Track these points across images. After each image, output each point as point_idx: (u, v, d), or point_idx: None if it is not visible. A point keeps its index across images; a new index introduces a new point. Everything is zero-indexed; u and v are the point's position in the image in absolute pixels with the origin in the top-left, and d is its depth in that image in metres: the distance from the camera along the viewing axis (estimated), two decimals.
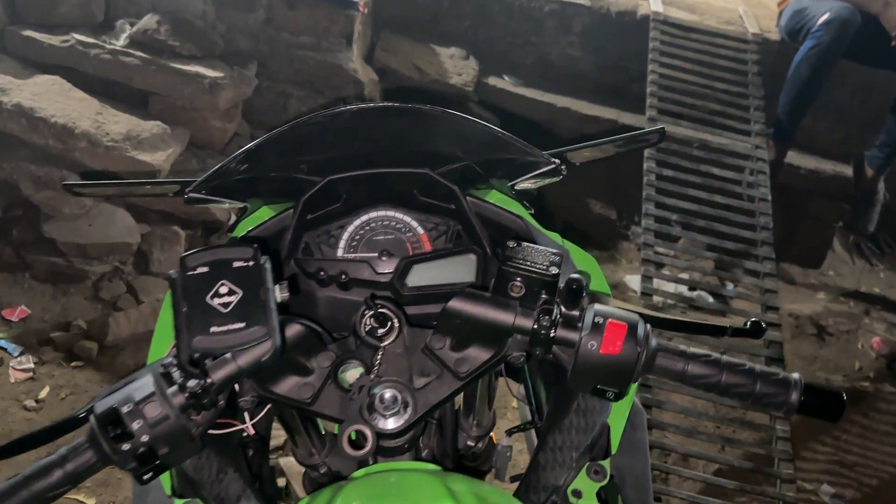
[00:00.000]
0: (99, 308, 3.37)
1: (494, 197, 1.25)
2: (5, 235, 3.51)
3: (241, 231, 1.19)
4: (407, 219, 1.20)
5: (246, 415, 1.01)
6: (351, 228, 1.19)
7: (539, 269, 0.94)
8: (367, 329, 1.02)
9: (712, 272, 3.87)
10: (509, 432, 1.36)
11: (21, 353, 3.08)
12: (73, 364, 3.11)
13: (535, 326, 0.92)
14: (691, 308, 3.70)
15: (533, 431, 1.35)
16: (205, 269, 0.89)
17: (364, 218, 1.20)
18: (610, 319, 0.93)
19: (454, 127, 1.19)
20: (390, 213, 1.21)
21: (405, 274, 1.11)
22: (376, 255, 1.16)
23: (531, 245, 0.98)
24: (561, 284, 0.95)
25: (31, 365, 3.04)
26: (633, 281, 4.08)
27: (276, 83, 4.09)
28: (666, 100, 4.13)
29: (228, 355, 0.86)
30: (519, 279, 0.95)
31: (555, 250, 0.98)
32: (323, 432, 1.19)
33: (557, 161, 1.23)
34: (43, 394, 2.95)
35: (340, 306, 1.13)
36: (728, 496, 2.90)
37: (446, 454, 1.27)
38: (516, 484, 1.29)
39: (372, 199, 1.20)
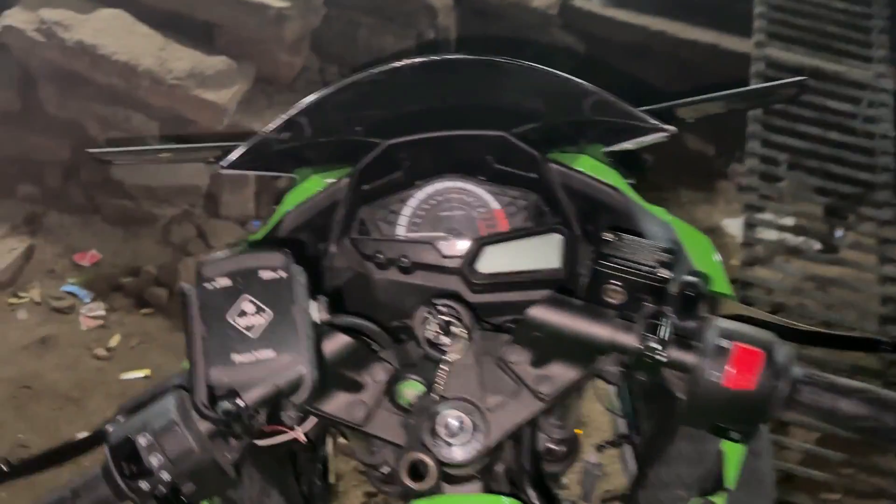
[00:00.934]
0: (169, 252, 3.31)
1: (584, 164, 1.06)
2: (75, 178, 3.46)
3: (288, 204, 1.03)
4: (479, 191, 1.04)
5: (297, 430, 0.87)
6: (413, 203, 1.04)
7: (645, 269, 0.79)
8: (428, 337, 0.88)
9: (822, 219, 3.50)
10: (599, 448, 1.17)
11: (92, 300, 3.06)
12: (143, 311, 3.07)
13: (641, 345, 0.76)
14: (795, 256, 3.37)
15: (627, 448, 1.15)
16: (226, 282, 0.74)
17: (428, 190, 1.05)
18: (739, 343, 0.73)
19: (538, 82, 1.01)
20: (459, 184, 1.05)
21: (476, 258, 0.96)
22: (443, 234, 1.02)
23: (634, 238, 0.82)
24: (673, 289, 0.77)
25: (102, 312, 3.02)
26: (732, 225, 3.75)
27: (344, 11, 3.85)
28: (776, 21, 3.68)
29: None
30: (618, 282, 0.79)
31: (665, 245, 0.81)
32: None
33: (668, 129, 0.99)
34: (113, 342, 2.93)
35: (401, 291, 1.00)
36: None
37: (523, 471, 1.08)
38: None
39: (437, 168, 1.05)
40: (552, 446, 1.11)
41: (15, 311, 2.97)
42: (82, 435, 0.92)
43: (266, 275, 0.74)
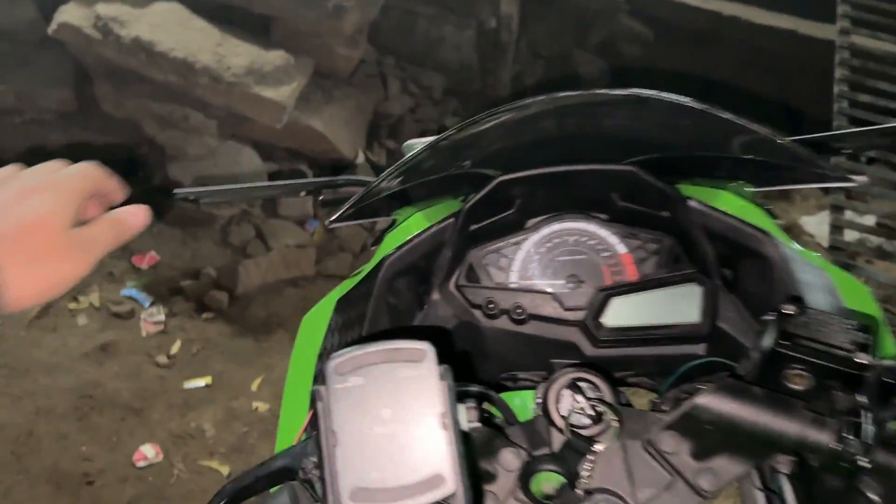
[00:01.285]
0: (228, 254, 3.22)
1: (726, 202, 0.92)
2: (132, 176, 3.38)
3: (388, 246, 0.93)
4: (602, 233, 0.96)
5: None
6: (528, 246, 0.96)
7: (839, 353, 0.66)
8: (566, 419, 0.76)
9: None
10: None
11: (152, 304, 2.99)
12: (203, 316, 2.99)
13: (838, 446, 0.64)
14: (881, 258, 3.16)
15: None
16: (360, 381, 0.63)
17: (545, 232, 0.96)
18: None
19: (691, 119, 0.86)
20: (580, 224, 0.96)
21: (602, 310, 0.89)
22: (562, 281, 0.94)
23: (821, 312, 0.69)
24: (868, 374, 0.64)
25: (162, 317, 2.94)
26: (810, 223, 3.54)
27: (402, 1, 3.71)
28: (860, 7, 3.44)
29: None
30: (802, 367, 0.67)
31: (857, 321, 0.67)
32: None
33: (856, 180, 0.84)
34: (174, 349, 2.85)
35: (512, 342, 0.93)
36: None
37: None
38: None
39: (554, 207, 0.97)
40: None
41: (75, 317, 2.91)
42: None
43: (407, 372, 0.63)
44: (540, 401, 0.80)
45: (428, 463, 0.61)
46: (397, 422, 0.61)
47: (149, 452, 2.48)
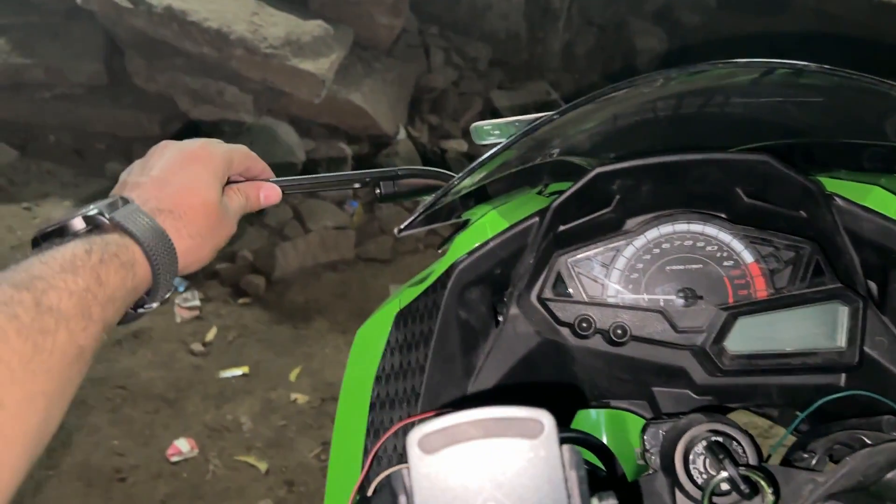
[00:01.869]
0: (265, 236, 3.09)
1: (876, 199, 0.76)
2: None
3: (459, 250, 0.79)
4: (725, 237, 0.80)
5: None
6: (630, 252, 0.81)
7: None
8: (705, 489, 0.62)
9: None
10: None
11: (186, 289, 2.86)
12: (239, 301, 2.87)
13: None
14: None
15: None
16: (452, 462, 0.47)
17: (652, 235, 0.81)
18: None
19: (843, 93, 0.73)
20: (696, 226, 0.80)
21: (725, 334, 0.75)
22: (673, 296, 0.79)
23: None
24: None
25: (197, 302, 2.82)
26: None
27: None
28: None
29: None
30: None
31: None
32: None
33: None
34: (210, 336, 2.73)
35: (607, 366, 0.80)
36: None
37: None
38: None
39: (663, 204, 0.81)
40: None
41: None
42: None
43: (519, 454, 0.47)
44: (651, 450, 0.70)
45: None
46: None
47: (183, 447, 2.36)
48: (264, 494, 2.26)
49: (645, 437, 0.72)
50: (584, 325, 0.77)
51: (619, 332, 0.77)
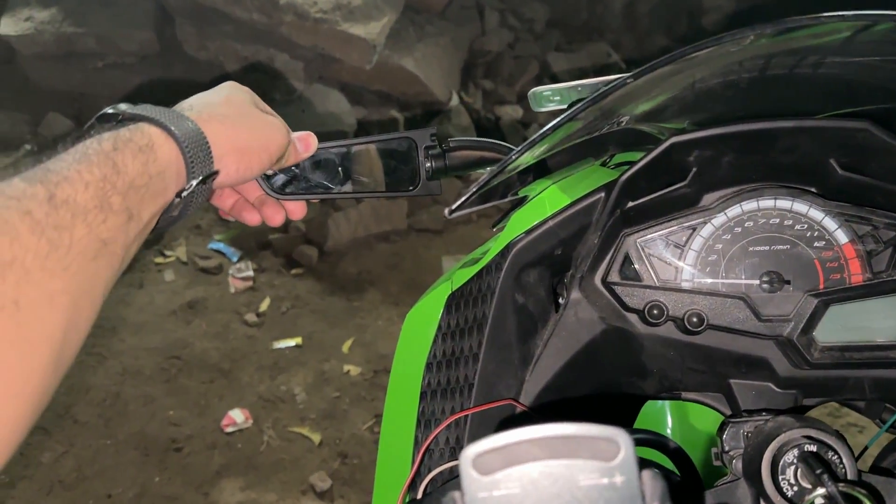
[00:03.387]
0: (317, 206, 3.05)
1: None
2: None
3: (516, 229, 0.73)
4: (816, 214, 0.72)
5: None
6: (708, 231, 0.73)
7: None
8: (797, 500, 0.56)
9: None
10: None
11: (240, 259, 2.85)
12: (292, 271, 2.86)
13: None
14: None
15: None
16: (513, 487, 0.39)
17: (733, 212, 0.73)
18: None
19: None
20: (783, 202, 0.73)
21: (814, 323, 0.69)
22: (756, 281, 0.72)
23: None
24: None
25: (251, 272, 2.81)
26: None
27: None
28: None
29: None
30: None
31: None
32: None
33: None
34: (263, 306, 2.72)
35: (678, 354, 0.73)
36: None
37: None
38: None
39: (745, 177, 0.74)
40: None
41: (162, 272, 2.81)
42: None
43: (591, 479, 0.40)
44: (731, 452, 0.64)
45: None
46: None
47: (238, 417, 2.36)
48: (318, 466, 2.25)
49: (724, 438, 0.66)
50: (656, 312, 0.71)
51: (695, 320, 0.70)
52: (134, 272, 2.78)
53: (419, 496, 0.66)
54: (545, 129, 0.66)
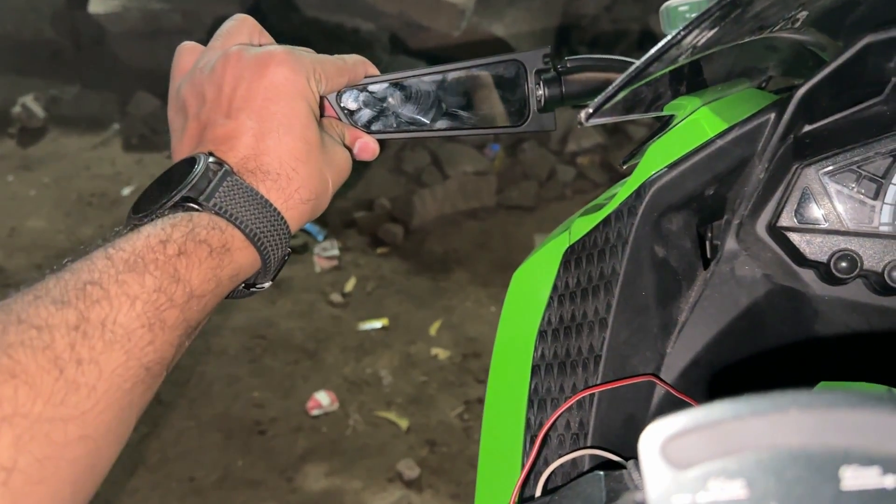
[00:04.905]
0: (402, 183, 2.97)
1: None
2: None
3: (654, 164, 0.59)
4: None
5: None
6: None
7: None
8: None
9: None
10: None
11: (325, 238, 2.78)
12: (378, 250, 2.77)
13: None
14: None
15: None
16: (734, 490, 0.25)
17: None
18: None
19: None
20: None
21: None
22: None
23: None
24: None
25: (336, 251, 2.74)
26: None
27: None
28: None
29: None
30: None
31: None
32: None
33: None
34: (349, 286, 2.64)
35: (868, 323, 0.59)
36: None
37: None
38: None
39: None
40: None
41: None
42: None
43: (858, 478, 0.25)
44: None
45: None
46: None
47: (323, 400, 2.28)
48: (405, 453, 2.14)
49: None
50: (845, 264, 0.57)
51: None
52: None
53: (538, 493, 0.53)
54: (691, 21, 0.50)
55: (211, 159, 0.49)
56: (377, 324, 2.53)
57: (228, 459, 2.15)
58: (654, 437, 0.25)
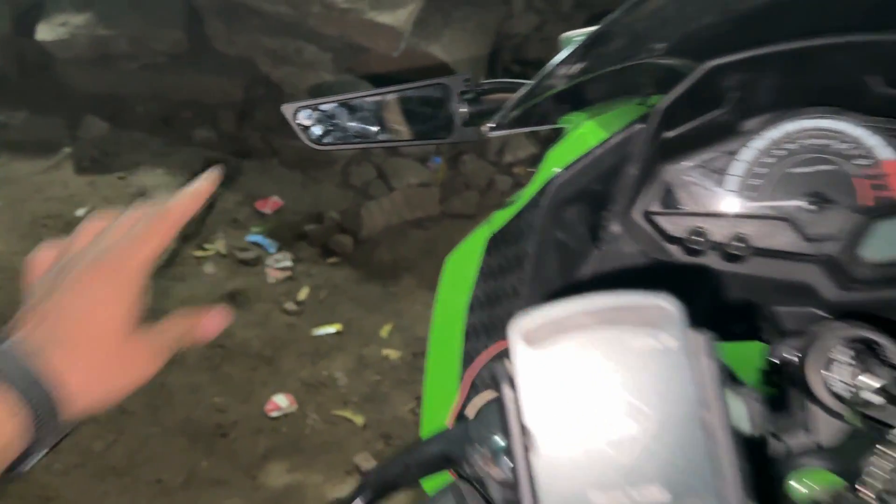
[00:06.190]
0: (350, 196, 3.12)
1: None
2: (250, 119, 3.33)
3: (555, 162, 0.73)
4: (858, 132, 0.73)
5: None
6: (749, 155, 0.74)
7: None
8: (855, 401, 0.54)
9: None
10: None
11: (277, 250, 2.92)
12: (329, 260, 2.92)
13: None
14: None
15: None
16: (563, 354, 0.42)
17: (774, 135, 0.74)
18: None
19: None
20: (825, 122, 0.73)
21: (859, 239, 0.70)
22: (799, 202, 0.74)
23: None
24: None
25: (289, 262, 2.88)
26: None
27: None
28: None
29: None
30: None
31: None
32: None
33: None
34: (302, 295, 2.78)
35: (721, 285, 0.74)
36: None
37: None
38: None
39: (785, 100, 0.74)
40: None
41: (202, 265, 2.87)
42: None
43: (641, 342, 0.42)
44: (778, 361, 0.61)
45: (682, 484, 0.40)
46: (631, 422, 0.41)
47: (282, 402, 2.40)
48: (362, 447, 2.28)
49: (770, 358, 0.65)
50: (698, 238, 0.71)
51: (739, 244, 0.70)
52: (175, 266, 2.85)
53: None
54: (573, 49, 0.67)
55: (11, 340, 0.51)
56: (331, 329, 2.66)
57: (193, 462, 2.25)
58: (517, 326, 0.42)
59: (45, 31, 3.20)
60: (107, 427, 2.34)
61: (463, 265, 0.80)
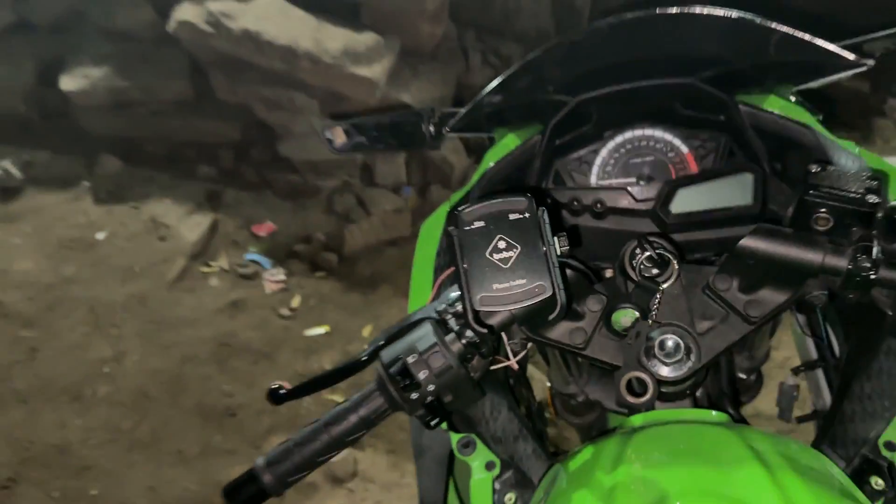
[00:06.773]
0: (334, 220, 3.54)
1: (773, 104, 1.06)
2: (246, 157, 3.76)
3: (488, 161, 1.11)
4: (668, 137, 1.07)
5: (509, 350, 0.90)
6: (604, 152, 1.09)
7: (854, 196, 0.79)
8: (639, 270, 0.90)
9: None
10: (795, 371, 1.24)
11: (272, 266, 3.33)
12: (317, 274, 3.32)
13: (852, 266, 0.78)
14: None
15: (820, 371, 1.21)
16: (481, 224, 0.82)
17: (619, 140, 1.08)
18: None
19: (732, 28, 1.00)
20: (648, 131, 1.08)
21: (669, 200, 0.99)
22: (634, 180, 1.07)
23: (838, 168, 0.82)
24: (878, 212, 0.78)
25: (283, 276, 3.28)
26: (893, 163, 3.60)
27: None
28: None
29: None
30: (825, 210, 0.79)
31: (868, 173, 0.81)
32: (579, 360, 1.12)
33: (865, 63, 1.03)
34: (295, 303, 3.19)
35: (594, 236, 1.04)
36: None
37: (723, 394, 1.16)
38: (804, 427, 1.16)
39: (626, 118, 1.08)
40: (742, 376, 1.18)
41: (208, 279, 3.29)
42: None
43: (514, 216, 0.81)
44: (620, 256, 0.92)
45: (532, 275, 0.79)
46: (510, 249, 0.81)
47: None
48: None
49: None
50: (575, 203, 1.02)
51: (599, 205, 1.01)
52: (184, 280, 3.27)
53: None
54: (496, 81, 1.13)
55: None
56: (320, 330, 3.07)
57: (207, 436, 2.63)
58: (461, 213, 0.84)
59: (68, 82, 3.64)
60: (133, 409, 2.73)
61: (433, 228, 1.10)
